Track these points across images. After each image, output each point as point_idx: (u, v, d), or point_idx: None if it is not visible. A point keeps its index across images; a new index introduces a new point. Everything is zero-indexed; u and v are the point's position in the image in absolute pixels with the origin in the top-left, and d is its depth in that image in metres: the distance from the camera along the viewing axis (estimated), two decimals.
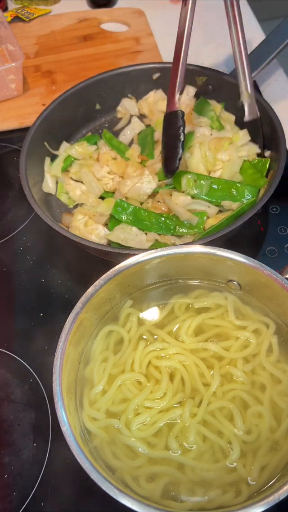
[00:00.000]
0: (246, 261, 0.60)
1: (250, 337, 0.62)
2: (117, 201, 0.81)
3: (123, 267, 0.61)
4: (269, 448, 0.56)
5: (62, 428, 0.52)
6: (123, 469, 0.55)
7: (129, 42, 1.18)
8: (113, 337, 0.64)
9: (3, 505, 0.64)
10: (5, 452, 0.68)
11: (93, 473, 0.49)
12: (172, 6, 1.26)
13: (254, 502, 0.48)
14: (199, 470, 0.55)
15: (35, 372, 0.73)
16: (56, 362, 0.55)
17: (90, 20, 1.24)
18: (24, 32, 1.22)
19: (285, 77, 1.12)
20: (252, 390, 0.59)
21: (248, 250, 0.84)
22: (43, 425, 0.69)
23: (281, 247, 0.85)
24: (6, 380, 0.74)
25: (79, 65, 1.14)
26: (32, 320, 0.79)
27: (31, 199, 0.80)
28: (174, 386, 0.59)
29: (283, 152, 0.81)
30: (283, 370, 0.60)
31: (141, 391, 0.59)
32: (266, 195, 0.76)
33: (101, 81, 0.97)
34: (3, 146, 1.04)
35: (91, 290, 0.59)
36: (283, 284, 0.58)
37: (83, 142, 0.94)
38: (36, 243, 0.89)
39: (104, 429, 0.58)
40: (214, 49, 1.15)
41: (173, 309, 0.65)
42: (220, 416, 0.57)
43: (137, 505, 0.48)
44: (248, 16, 1.25)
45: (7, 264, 0.86)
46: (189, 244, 0.71)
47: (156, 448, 0.56)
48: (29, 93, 1.10)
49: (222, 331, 0.63)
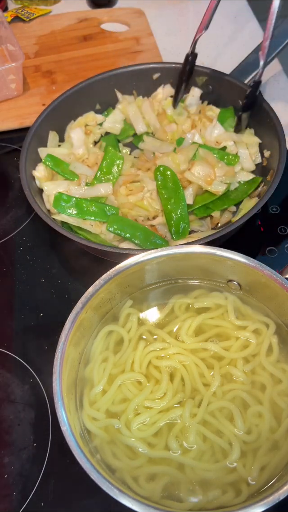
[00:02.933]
0: (246, 261, 0.60)
1: (250, 337, 0.62)
2: (56, 195, 0.81)
3: (123, 267, 0.61)
4: (269, 448, 0.56)
5: (62, 428, 0.52)
6: (123, 469, 0.55)
7: (129, 42, 1.18)
8: (113, 337, 0.64)
9: (3, 505, 0.64)
10: (5, 452, 0.68)
11: (93, 473, 0.49)
12: (172, 6, 1.26)
13: (254, 502, 0.48)
14: (199, 470, 0.55)
15: (35, 372, 0.73)
16: (56, 362, 0.55)
17: (90, 20, 1.24)
18: (24, 32, 1.22)
19: (285, 77, 1.12)
20: (252, 390, 0.59)
21: (248, 250, 0.84)
22: (43, 425, 0.69)
23: (281, 247, 0.85)
24: (6, 380, 0.74)
25: (79, 65, 1.14)
26: (32, 320, 0.79)
27: (31, 199, 0.80)
28: (174, 386, 0.59)
29: (283, 152, 0.81)
30: (283, 370, 0.60)
31: (141, 391, 0.59)
32: (266, 195, 0.76)
33: (101, 81, 0.97)
34: (3, 146, 1.04)
35: (91, 290, 0.59)
36: (283, 284, 0.58)
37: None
38: (36, 243, 0.89)
39: (104, 429, 0.58)
40: (214, 49, 1.15)
41: (173, 309, 0.65)
42: (220, 416, 0.57)
43: (137, 505, 0.48)
44: (248, 16, 1.25)
45: (7, 264, 0.86)
46: (189, 244, 0.71)
47: (156, 448, 0.56)
48: (29, 93, 1.10)
49: (222, 331, 0.63)
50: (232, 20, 1.22)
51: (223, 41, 1.15)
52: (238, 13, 1.25)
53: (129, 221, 0.81)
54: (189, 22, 1.22)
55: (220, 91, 0.94)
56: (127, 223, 0.80)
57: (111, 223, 0.79)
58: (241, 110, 0.88)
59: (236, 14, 1.24)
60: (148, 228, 0.81)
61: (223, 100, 0.94)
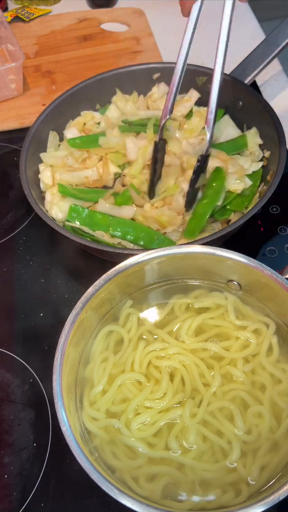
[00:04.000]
0: (246, 261, 0.60)
1: (250, 337, 0.62)
2: (71, 206, 0.81)
3: (123, 267, 0.61)
4: (269, 448, 0.56)
5: (62, 428, 0.52)
6: (123, 469, 0.55)
7: (129, 42, 1.18)
8: (113, 337, 0.64)
9: (3, 505, 0.64)
10: (5, 452, 0.68)
11: (93, 473, 0.49)
12: (172, 6, 1.26)
13: (254, 502, 0.48)
14: (199, 470, 0.55)
15: (35, 372, 0.73)
16: (56, 362, 0.55)
17: (90, 20, 1.24)
18: (24, 32, 1.22)
19: (285, 77, 1.12)
20: (252, 390, 0.59)
21: (248, 250, 0.84)
22: (43, 425, 0.69)
23: (281, 247, 0.85)
24: (6, 380, 0.74)
25: (79, 65, 1.14)
26: (32, 320, 0.79)
27: (31, 199, 0.80)
28: (174, 386, 0.59)
29: (283, 152, 0.81)
30: (283, 370, 0.60)
31: (141, 391, 0.59)
32: (266, 195, 0.76)
33: (101, 81, 0.97)
34: (3, 146, 1.04)
35: (91, 290, 0.59)
36: (283, 284, 0.58)
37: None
38: (36, 243, 0.89)
39: (104, 429, 0.58)
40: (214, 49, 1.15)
41: (173, 309, 0.65)
42: (220, 416, 0.57)
43: (137, 505, 0.48)
44: (248, 16, 1.25)
45: (7, 264, 0.86)
46: (189, 244, 0.71)
47: (156, 448, 0.56)
48: (29, 93, 1.10)
49: (222, 331, 0.63)
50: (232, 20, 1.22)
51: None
52: (238, 13, 1.24)
53: (131, 223, 0.80)
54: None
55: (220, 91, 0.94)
56: (130, 225, 0.80)
57: (115, 226, 0.79)
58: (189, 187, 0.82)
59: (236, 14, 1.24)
60: (151, 229, 0.81)
61: (223, 100, 0.94)
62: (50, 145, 0.93)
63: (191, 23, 0.77)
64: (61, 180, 0.88)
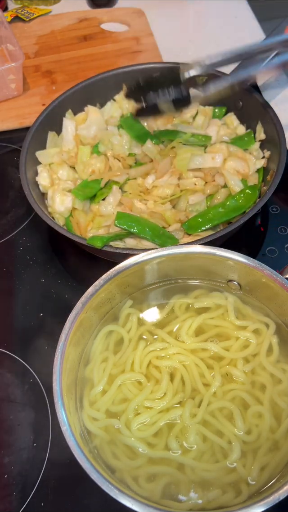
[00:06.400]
0: (246, 261, 0.60)
1: (250, 337, 0.62)
2: (119, 213, 0.80)
3: (123, 267, 0.61)
4: (269, 448, 0.56)
5: (62, 428, 0.51)
6: (123, 469, 0.55)
7: (129, 42, 1.18)
8: (113, 337, 0.64)
9: (3, 505, 0.64)
10: (5, 452, 0.68)
11: (93, 473, 0.49)
12: (172, 6, 1.26)
13: (254, 502, 0.48)
14: (199, 470, 0.55)
15: (35, 372, 0.73)
16: (56, 362, 0.55)
17: (90, 20, 1.24)
18: (24, 32, 1.22)
19: (285, 77, 1.12)
20: (252, 390, 0.59)
21: (248, 250, 0.84)
22: (43, 425, 0.69)
23: (281, 247, 0.85)
24: (6, 380, 0.74)
25: (79, 65, 1.14)
26: (32, 320, 0.79)
27: (31, 199, 0.80)
28: (174, 386, 0.59)
29: (283, 152, 0.81)
30: (283, 370, 0.60)
31: (141, 391, 0.59)
32: (266, 195, 0.76)
33: (101, 81, 0.97)
34: (3, 146, 1.04)
35: (91, 290, 0.59)
36: (283, 284, 0.58)
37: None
38: (36, 243, 0.89)
39: (104, 429, 0.58)
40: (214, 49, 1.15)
41: (173, 309, 0.65)
42: (220, 416, 0.57)
43: (137, 505, 0.48)
44: (248, 16, 1.25)
45: (7, 264, 0.86)
46: (189, 244, 0.71)
47: (156, 448, 0.56)
48: (29, 93, 1.10)
49: (222, 331, 0.63)
50: (232, 20, 1.22)
51: (223, 41, 1.15)
52: (238, 13, 1.25)
53: (136, 218, 0.80)
54: (189, 22, 1.22)
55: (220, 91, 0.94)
56: (135, 219, 0.79)
57: (120, 219, 0.79)
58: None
59: (236, 14, 1.24)
60: (156, 224, 0.80)
61: (223, 100, 0.94)
62: (49, 145, 0.93)
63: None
64: (63, 180, 0.88)
